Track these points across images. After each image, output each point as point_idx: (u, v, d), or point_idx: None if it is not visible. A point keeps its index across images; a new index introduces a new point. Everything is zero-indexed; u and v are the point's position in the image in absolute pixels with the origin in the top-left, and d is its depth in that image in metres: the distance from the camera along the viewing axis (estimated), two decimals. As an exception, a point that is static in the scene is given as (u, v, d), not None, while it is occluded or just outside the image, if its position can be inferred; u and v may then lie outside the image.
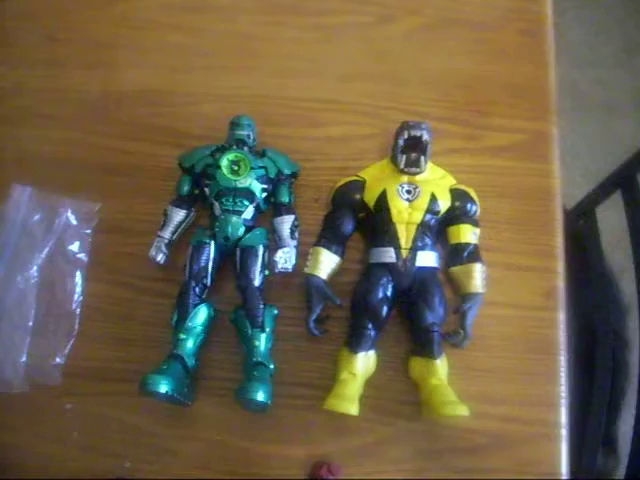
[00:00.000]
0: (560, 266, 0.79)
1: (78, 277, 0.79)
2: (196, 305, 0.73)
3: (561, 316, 0.77)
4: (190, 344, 0.73)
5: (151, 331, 0.78)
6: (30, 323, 0.78)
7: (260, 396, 0.68)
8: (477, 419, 0.72)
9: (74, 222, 0.81)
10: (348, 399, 0.69)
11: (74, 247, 0.80)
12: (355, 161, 0.82)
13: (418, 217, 0.74)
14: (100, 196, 0.82)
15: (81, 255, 0.80)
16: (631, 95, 1.79)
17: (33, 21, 0.93)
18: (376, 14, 0.92)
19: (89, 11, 0.93)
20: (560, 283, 0.78)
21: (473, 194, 0.77)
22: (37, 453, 0.75)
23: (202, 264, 0.75)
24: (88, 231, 0.81)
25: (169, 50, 0.90)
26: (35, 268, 0.79)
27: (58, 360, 0.77)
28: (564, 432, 0.73)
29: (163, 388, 0.68)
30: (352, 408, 0.69)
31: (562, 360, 0.75)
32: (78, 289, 0.79)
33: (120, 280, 0.80)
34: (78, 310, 0.79)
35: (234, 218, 0.76)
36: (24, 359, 0.77)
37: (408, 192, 0.74)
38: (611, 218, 1.11)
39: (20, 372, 0.76)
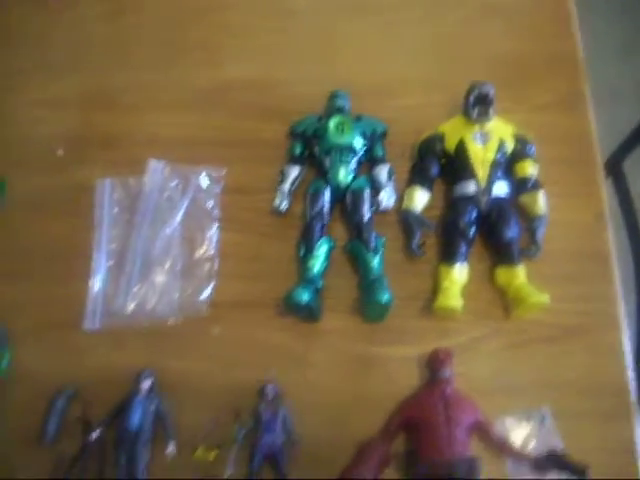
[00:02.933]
0: (603, 192, 0.95)
1: (214, 229, 0.94)
2: (319, 239, 0.89)
3: (610, 232, 0.93)
4: (317, 269, 0.88)
5: (278, 267, 0.92)
6: (178, 267, 0.92)
7: (385, 298, 0.83)
8: (550, 314, 0.88)
9: (205, 185, 0.96)
10: (453, 298, 0.85)
11: (208, 205, 0.95)
12: (428, 123, 0.98)
13: (491, 156, 0.90)
14: (223, 164, 0.98)
15: (214, 211, 0.95)
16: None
17: (149, 30, 1.10)
18: (427, 8, 1.10)
19: (195, 19, 1.10)
20: (605, 207, 0.95)
21: (531, 137, 0.94)
22: (192, 370, 0.89)
23: (320, 206, 0.90)
24: (217, 191, 0.96)
25: (265, 47, 1.08)
26: (177, 220, 0.94)
27: (204, 296, 0.91)
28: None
29: (305, 298, 0.83)
30: (457, 304, 0.84)
31: (613, 260, 0.91)
32: (214, 238, 0.94)
33: (248, 229, 0.95)
34: (217, 255, 0.94)
35: (342, 168, 0.92)
36: (177, 296, 0.91)
37: (481, 137, 0.91)
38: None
39: (174, 307, 0.90)
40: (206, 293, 0.90)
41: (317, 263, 0.87)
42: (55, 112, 1.05)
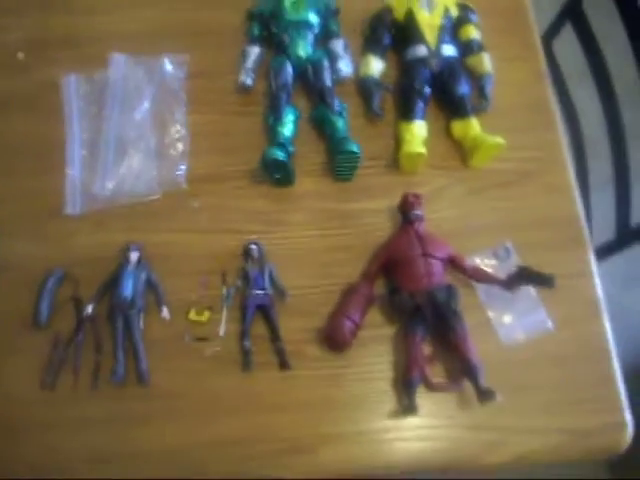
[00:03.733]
0: (541, 54, 1.03)
1: (182, 111, 0.97)
2: (286, 107, 0.94)
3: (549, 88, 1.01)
4: (287, 134, 0.93)
5: (248, 141, 0.96)
6: (152, 148, 0.95)
7: (354, 147, 0.88)
8: (504, 162, 0.95)
9: (169, 71, 0.99)
10: (417, 145, 0.91)
11: (174, 89, 0.98)
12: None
13: (437, 21, 0.96)
14: (185, 52, 1.01)
15: (181, 94, 0.98)
16: None
17: None
18: None
19: None
20: (544, 67, 1.03)
21: (472, 6, 1.01)
22: (176, 242, 0.92)
23: (283, 78, 0.94)
24: (182, 76, 0.99)
25: None
26: (146, 105, 0.97)
27: (181, 171, 0.95)
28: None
29: (280, 155, 0.88)
30: (422, 150, 0.91)
31: (554, 111, 0.99)
32: (184, 119, 0.97)
33: (215, 109, 0.98)
34: (188, 134, 0.97)
35: (301, 42, 0.96)
36: (154, 175, 0.94)
37: (427, 5, 0.97)
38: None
39: (153, 185, 0.93)
40: (182, 168, 0.93)
41: (286, 128, 0.91)
42: (13, 18, 1.05)
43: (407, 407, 0.80)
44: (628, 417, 0.82)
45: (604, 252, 1.17)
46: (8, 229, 0.92)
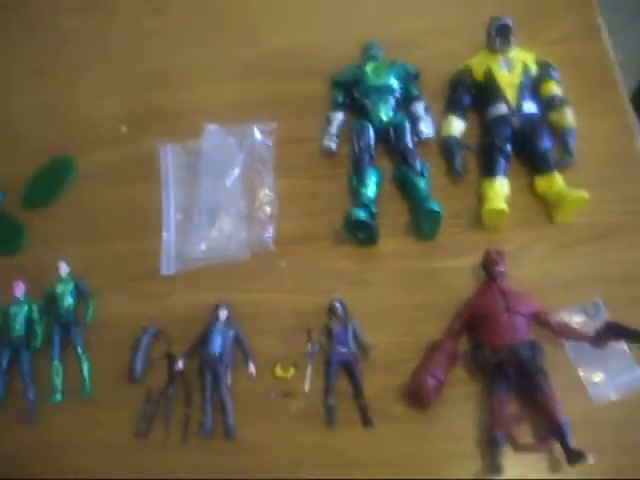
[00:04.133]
0: (627, 105, 1.02)
1: (271, 176, 1.02)
2: (369, 169, 0.96)
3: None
4: (370, 194, 0.95)
5: (332, 203, 0.99)
6: (242, 212, 1.00)
7: (437, 206, 0.90)
8: (591, 216, 0.94)
9: (258, 138, 1.04)
10: (499, 202, 0.91)
11: (263, 156, 1.03)
12: (455, 64, 1.05)
13: (517, 79, 0.97)
14: (273, 121, 1.07)
15: (269, 161, 1.03)
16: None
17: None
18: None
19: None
20: (631, 118, 1.01)
21: (553, 61, 1.01)
22: (264, 301, 0.95)
23: (366, 141, 0.98)
24: (270, 143, 1.04)
25: (295, 17, 1.17)
26: (237, 172, 1.02)
27: (269, 233, 0.98)
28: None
29: (362, 215, 0.90)
30: (504, 206, 0.90)
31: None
32: (272, 184, 1.02)
33: (301, 174, 1.03)
34: (276, 198, 1.01)
35: (382, 106, 1.00)
36: (244, 237, 0.99)
37: (506, 64, 0.98)
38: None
39: (242, 246, 0.98)
40: (270, 231, 0.97)
41: (370, 190, 0.94)
42: (115, 96, 1.14)
43: (492, 467, 0.78)
44: None
45: None
46: (108, 288, 0.98)
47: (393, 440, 0.84)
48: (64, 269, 0.98)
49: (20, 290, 0.99)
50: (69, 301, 0.97)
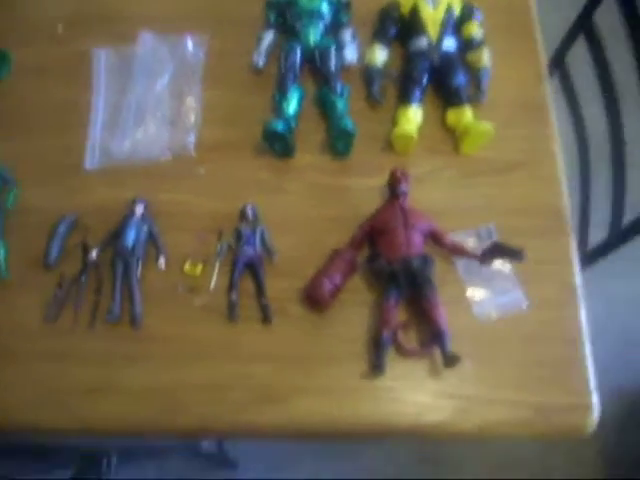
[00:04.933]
0: (542, 57, 1.08)
1: (198, 85, 1.05)
2: (292, 86, 1.01)
3: (547, 88, 1.06)
4: (291, 110, 0.99)
5: (257, 116, 1.02)
6: (167, 116, 1.03)
7: (350, 126, 0.95)
8: (494, 151, 1.00)
9: (191, 48, 1.07)
10: (409, 127, 0.97)
11: (193, 66, 1.06)
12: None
13: (440, 16, 1.02)
14: (207, 34, 1.10)
15: (199, 71, 1.06)
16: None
17: None
18: None
19: None
20: (543, 68, 1.08)
21: (476, 5, 1.07)
22: (180, 201, 0.99)
23: (292, 60, 1.02)
24: (202, 54, 1.07)
25: None
26: (166, 79, 1.05)
27: (191, 139, 1.02)
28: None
29: (280, 127, 0.95)
30: (413, 131, 0.96)
31: (549, 109, 1.04)
32: (199, 93, 1.05)
33: (229, 86, 1.06)
34: (201, 107, 1.05)
35: (312, 30, 1.04)
36: (166, 139, 1.02)
37: (432, 1, 1.03)
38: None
39: (165, 148, 1.01)
40: (192, 137, 1.01)
41: (290, 105, 0.98)
42: (55, -4, 1.16)
43: (375, 366, 0.84)
44: (595, 400, 0.84)
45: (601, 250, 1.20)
46: (30, 179, 1.01)
47: (288, 338, 0.90)
48: (-14, 158, 0.99)
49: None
50: (-12, 185, 0.98)
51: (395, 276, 0.86)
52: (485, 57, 1.01)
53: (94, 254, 0.94)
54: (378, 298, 0.90)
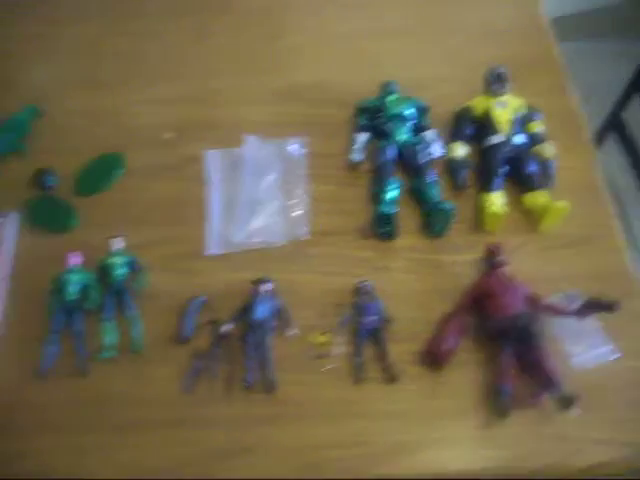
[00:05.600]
0: (590, 149, 1.28)
1: (303, 181, 1.20)
2: (389, 178, 1.17)
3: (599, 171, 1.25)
4: (391, 197, 1.15)
5: (357, 206, 1.17)
6: (279, 208, 1.18)
7: (449, 206, 1.10)
8: (566, 228, 1.17)
9: (294, 148, 1.23)
10: (497, 208, 1.13)
11: (297, 164, 1.22)
12: (456, 104, 1.28)
13: (509, 117, 1.21)
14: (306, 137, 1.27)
15: (303, 169, 1.21)
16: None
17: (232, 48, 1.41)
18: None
19: (267, 42, 1.43)
20: (593, 158, 1.27)
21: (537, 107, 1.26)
22: (298, 280, 1.11)
23: (386, 156, 1.18)
24: (303, 154, 1.23)
25: (322, 58, 1.40)
26: (274, 176, 1.20)
27: (303, 226, 1.16)
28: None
29: (392, 210, 1.10)
30: (502, 211, 1.12)
31: (604, 192, 1.22)
32: (304, 187, 1.20)
33: (330, 181, 1.21)
34: (308, 199, 1.19)
35: (400, 131, 1.21)
36: (280, 228, 1.16)
37: (501, 105, 1.23)
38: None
39: (281, 235, 1.14)
40: (304, 223, 1.14)
41: (390, 194, 1.13)
42: (160, 107, 1.32)
43: (499, 410, 0.95)
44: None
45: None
46: (156, 266, 1.12)
47: (411, 395, 1.00)
48: (117, 245, 1.10)
49: (75, 259, 1.10)
50: (121, 271, 1.09)
51: (507, 332, 0.99)
52: (549, 149, 1.18)
53: (226, 327, 1.04)
54: (487, 356, 1.01)
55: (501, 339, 0.99)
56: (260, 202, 1.16)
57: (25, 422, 1.02)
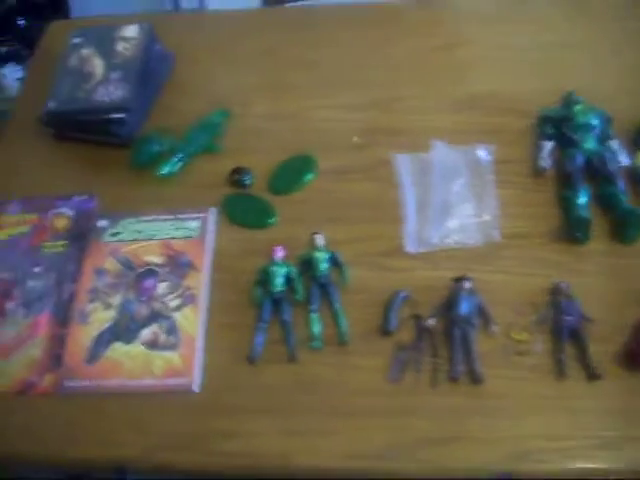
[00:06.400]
0: None
1: (492, 186, 1.26)
2: (582, 184, 1.22)
3: None
4: (584, 202, 1.20)
5: (543, 211, 1.22)
6: (471, 210, 1.24)
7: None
8: None
9: (481, 156, 1.29)
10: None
11: (485, 170, 1.28)
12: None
13: None
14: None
15: (490, 174, 1.27)
16: None
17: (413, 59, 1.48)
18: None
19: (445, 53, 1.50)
20: None
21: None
22: (493, 280, 1.17)
23: (577, 163, 1.23)
24: (490, 160, 1.29)
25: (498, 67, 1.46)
26: (463, 180, 1.26)
27: (495, 228, 1.22)
28: None
29: (588, 215, 1.15)
30: None
31: None
32: (493, 192, 1.26)
33: (516, 187, 1.27)
34: (498, 203, 1.25)
35: (588, 139, 1.26)
36: (474, 229, 1.22)
37: None
38: None
39: (476, 236, 1.21)
40: (496, 226, 1.20)
41: (583, 199, 1.19)
42: (347, 113, 1.40)
43: None
44: None
45: None
46: (357, 262, 1.18)
47: (611, 393, 1.04)
48: (320, 241, 1.17)
49: (280, 253, 1.16)
50: (325, 266, 1.15)
51: None
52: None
53: (430, 322, 1.10)
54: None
55: None
56: (452, 205, 1.21)
57: (236, 404, 1.08)
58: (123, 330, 1.14)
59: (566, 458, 1.00)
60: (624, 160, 1.23)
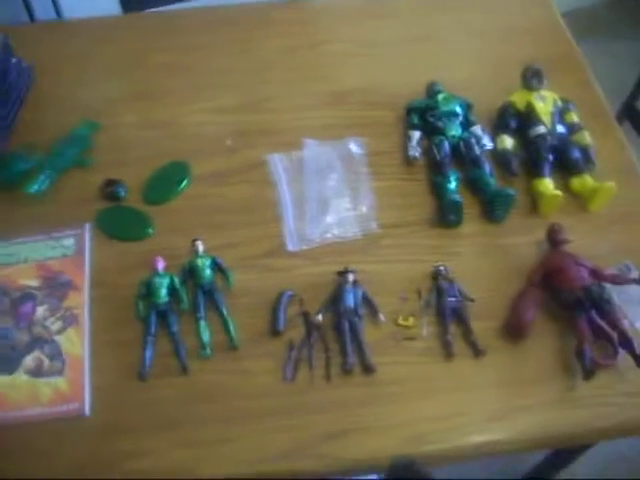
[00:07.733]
0: (618, 129, 1.40)
1: (367, 178, 1.29)
2: (450, 169, 1.26)
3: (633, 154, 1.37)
4: (454, 187, 1.25)
5: (419, 199, 1.26)
6: (348, 204, 1.26)
7: (511, 191, 1.20)
8: (613, 205, 1.28)
9: (354, 148, 1.31)
10: (553, 190, 1.23)
11: (358, 163, 1.30)
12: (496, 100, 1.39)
13: (549, 109, 1.32)
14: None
15: (364, 167, 1.30)
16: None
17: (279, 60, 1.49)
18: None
19: (311, 50, 1.51)
20: (622, 136, 1.39)
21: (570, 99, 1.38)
22: (374, 270, 1.20)
23: (445, 150, 1.28)
24: (363, 153, 1.32)
25: (365, 65, 1.49)
26: (338, 175, 1.28)
27: (373, 219, 1.25)
28: None
29: (459, 198, 1.20)
30: (559, 193, 1.23)
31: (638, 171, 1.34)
32: (368, 184, 1.28)
33: (390, 178, 1.30)
34: (373, 194, 1.28)
35: (453, 126, 1.31)
36: (352, 222, 1.24)
37: (541, 98, 1.34)
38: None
39: (355, 229, 1.23)
40: (374, 217, 1.23)
41: (453, 185, 1.23)
42: (217, 117, 1.39)
43: (586, 373, 1.05)
44: None
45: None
46: (241, 266, 1.18)
47: (498, 366, 1.09)
48: (201, 247, 1.16)
49: (161, 264, 1.14)
50: (208, 272, 1.14)
51: (581, 301, 1.09)
52: (587, 137, 1.30)
53: (318, 317, 1.11)
54: (562, 327, 1.11)
55: (576, 308, 1.08)
56: (329, 200, 1.23)
57: (134, 422, 1.05)
58: (3, 360, 1.08)
59: (461, 435, 1.04)
60: (488, 144, 1.28)
